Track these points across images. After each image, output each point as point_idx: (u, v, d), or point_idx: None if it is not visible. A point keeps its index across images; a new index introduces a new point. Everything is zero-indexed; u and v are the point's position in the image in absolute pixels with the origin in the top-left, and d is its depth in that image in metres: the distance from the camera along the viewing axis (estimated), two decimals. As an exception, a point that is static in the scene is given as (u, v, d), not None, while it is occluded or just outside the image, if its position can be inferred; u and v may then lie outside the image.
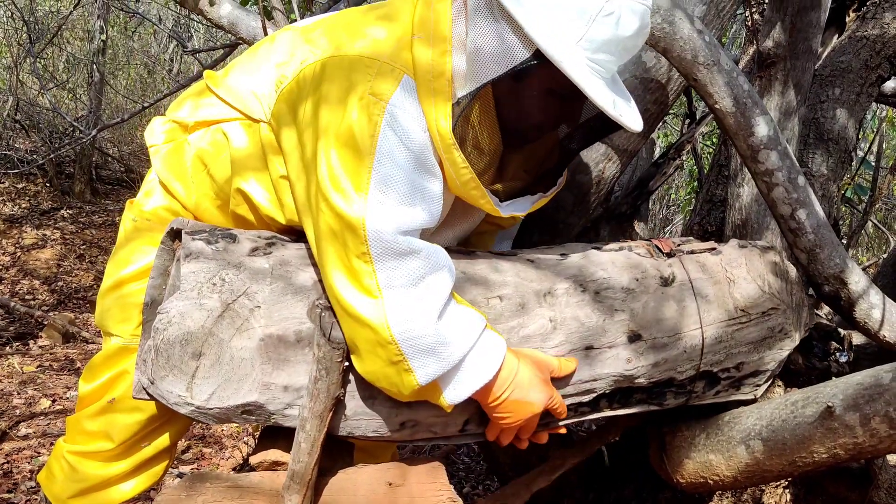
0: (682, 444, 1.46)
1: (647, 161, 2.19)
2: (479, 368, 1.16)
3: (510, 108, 1.22)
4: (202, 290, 1.10)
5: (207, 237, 1.18)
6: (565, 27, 1.10)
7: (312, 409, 1.11)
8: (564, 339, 1.25)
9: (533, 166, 1.38)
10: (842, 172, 2.05)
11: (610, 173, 1.72)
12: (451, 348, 1.13)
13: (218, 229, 1.22)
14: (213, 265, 1.13)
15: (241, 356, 1.11)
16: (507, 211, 1.29)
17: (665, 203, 7.11)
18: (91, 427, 1.47)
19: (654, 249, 1.39)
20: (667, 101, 1.67)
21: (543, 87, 1.19)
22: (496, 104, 1.21)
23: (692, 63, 1.34)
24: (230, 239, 1.19)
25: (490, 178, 1.29)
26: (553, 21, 1.10)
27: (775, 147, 1.38)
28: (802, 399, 1.29)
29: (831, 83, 2.00)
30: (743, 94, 1.36)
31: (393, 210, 1.12)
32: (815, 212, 1.42)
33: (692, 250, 1.42)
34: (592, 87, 1.11)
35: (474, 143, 1.22)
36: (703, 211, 2.19)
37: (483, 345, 1.17)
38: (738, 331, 1.36)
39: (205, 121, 1.35)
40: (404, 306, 1.11)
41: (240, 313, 1.11)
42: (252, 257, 1.17)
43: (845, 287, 1.43)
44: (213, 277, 1.11)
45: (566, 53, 1.09)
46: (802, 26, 1.66)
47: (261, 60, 1.32)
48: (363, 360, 1.14)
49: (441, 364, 1.13)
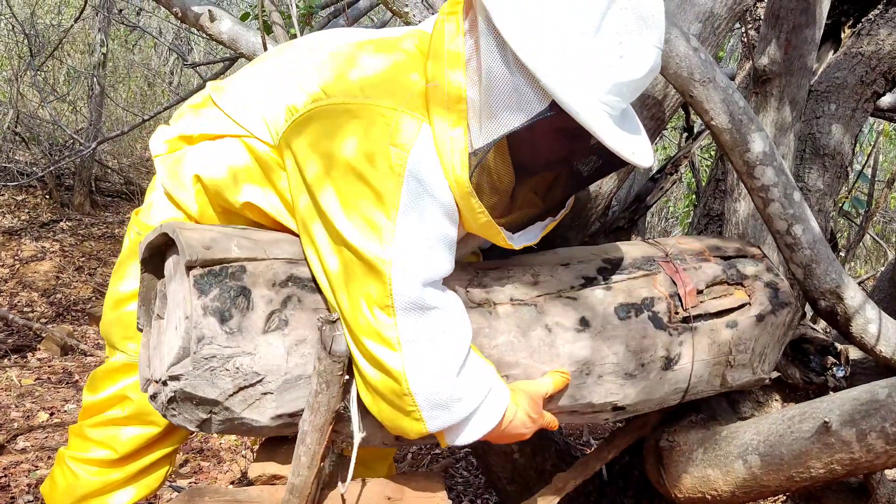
0: (680, 459, 1.47)
1: (644, 176, 2.20)
2: (485, 420, 1.20)
3: (523, 150, 1.22)
4: (215, 372, 1.09)
5: (220, 309, 1.10)
6: (581, 75, 1.09)
7: (313, 422, 1.12)
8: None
9: (543, 192, 1.38)
10: (838, 187, 2.06)
11: (607, 188, 1.73)
12: (463, 403, 1.17)
13: (228, 282, 1.12)
14: (228, 352, 1.09)
15: (251, 423, 1.13)
16: (520, 242, 1.28)
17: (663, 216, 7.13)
18: (94, 435, 1.48)
19: (676, 303, 1.38)
20: (663, 118, 1.69)
21: (556, 129, 1.18)
22: (509, 146, 1.20)
23: (688, 80, 1.35)
24: (244, 307, 1.11)
25: (502, 211, 1.28)
26: (568, 70, 1.08)
27: (771, 163, 1.39)
28: (799, 414, 1.30)
29: (827, 99, 2.01)
30: (738, 111, 1.37)
31: (419, 262, 1.13)
32: (811, 227, 1.43)
33: (718, 311, 1.41)
34: (609, 134, 1.10)
35: (490, 185, 1.21)
36: (701, 225, 2.20)
37: (491, 399, 1.20)
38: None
39: (208, 134, 1.35)
40: (425, 362, 1.12)
41: (252, 394, 1.11)
42: (267, 336, 1.12)
43: (841, 302, 1.44)
44: (226, 363, 1.09)
45: (583, 104, 1.09)
46: (798, 43, 1.68)
47: (268, 79, 1.30)
48: (377, 402, 1.16)
49: (452, 417, 1.17)
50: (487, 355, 1.24)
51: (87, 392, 1.50)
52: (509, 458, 1.90)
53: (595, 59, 1.09)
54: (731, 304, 1.42)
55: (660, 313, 1.37)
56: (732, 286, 1.45)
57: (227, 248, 1.13)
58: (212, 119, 1.35)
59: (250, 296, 1.11)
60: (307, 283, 1.18)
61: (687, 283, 1.40)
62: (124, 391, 1.45)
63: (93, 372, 1.51)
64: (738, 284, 1.45)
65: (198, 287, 1.09)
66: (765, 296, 1.45)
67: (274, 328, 1.12)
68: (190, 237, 1.12)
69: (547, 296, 1.32)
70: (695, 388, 1.42)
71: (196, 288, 1.08)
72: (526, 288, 1.32)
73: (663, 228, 7.07)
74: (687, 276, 1.40)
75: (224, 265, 1.12)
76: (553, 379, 1.27)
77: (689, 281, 1.40)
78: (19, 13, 6.09)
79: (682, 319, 1.38)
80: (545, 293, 1.32)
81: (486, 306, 1.27)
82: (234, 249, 1.14)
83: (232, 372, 1.09)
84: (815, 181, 1.99)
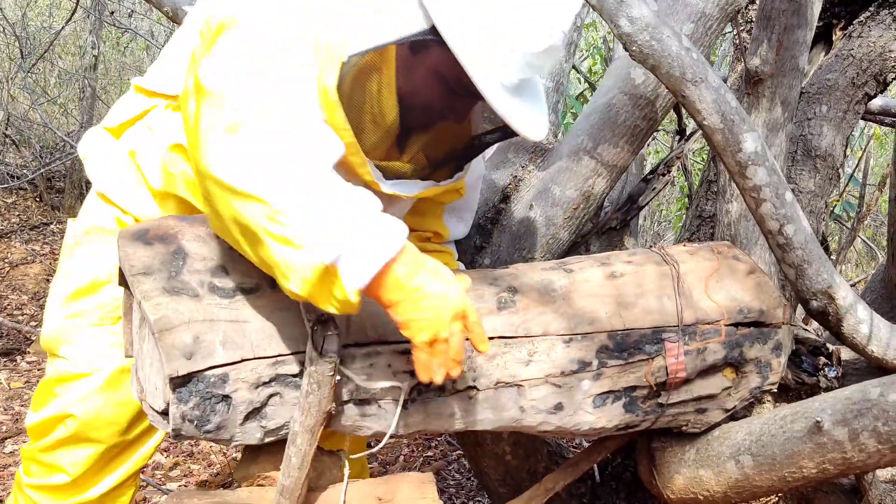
0: (672, 460, 1.46)
1: (636, 176, 2.21)
2: (381, 242, 0.96)
3: (406, 83, 1.19)
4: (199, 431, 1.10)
5: (199, 416, 1.07)
6: (475, 23, 1.10)
7: (304, 423, 1.11)
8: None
9: (435, 155, 1.34)
10: (829, 189, 2.07)
11: (599, 189, 1.73)
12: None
13: (208, 392, 1.06)
14: (206, 437, 1.10)
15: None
16: (390, 189, 1.25)
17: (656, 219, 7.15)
18: (45, 459, 1.43)
19: (656, 384, 1.33)
20: (656, 118, 1.69)
21: (441, 74, 1.17)
22: (398, 80, 1.17)
23: (680, 80, 1.35)
24: (224, 411, 1.08)
25: (383, 153, 1.25)
26: (460, 9, 1.09)
27: (763, 163, 1.39)
28: (791, 414, 1.30)
29: (818, 100, 2.02)
30: (731, 111, 1.37)
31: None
32: (802, 227, 1.43)
33: (696, 396, 1.37)
34: (490, 87, 1.10)
35: (369, 111, 1.18)
36: (693, 227, 2.20)
37: (379, 220, 0.98)
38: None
39: (128, 120, 1.33)
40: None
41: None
42: (245, 425, 1.11)
43: (833, 302, 1.44)
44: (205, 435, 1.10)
45: (464, 43, 1.08)
46: (789, 44, 1.68)
47: (177, 45, 1.31)
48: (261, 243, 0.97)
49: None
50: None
51: (32, 411, 1.45)
52: (501, 459, 1.90)
53: (493, 16, 1.10)
54: (712, 390, 1.38)
55: (637, 399, 1.35)
56: (726, 367, 1.39)
57: (210, 351, 1.06)
58: (131, 104, 1.34)
59: (231, 402, 1.09)
60: (291, 379, 1.13)
61: (679, 373, 1.33)
62: (66, 408, 1.40)
63: (37, 387, 1.46)
64: (733, 367, 1.39)
65: (177, 396, 1.06)
66: (747, 387, 1.41)
67: (252, 420, 1.12)
68: (171, 342, 1.05)
69: (534, 380, 1.28)
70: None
71: (175, 396, 1.06)
72: (517, 368, 1.26)
73: (656, 232, 7.09)
74: (683, 365, 1.33)
75: (205, 374, 1.06)
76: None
77: (685, 370, 1.33)
78: (10, 15, 6.06)
79: (657, 405, 1.36)
80: (533, 377, 1.27)
81: (468, 391, 1.24)
82: (219, 351, 1.07)
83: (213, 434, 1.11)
84: (806, 182, 2.00)
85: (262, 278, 1.16)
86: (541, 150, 1.83)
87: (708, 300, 1.36)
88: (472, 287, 1.31)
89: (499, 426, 1.30)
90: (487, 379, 1.26)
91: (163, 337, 1.06)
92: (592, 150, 1.70)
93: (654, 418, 1.38)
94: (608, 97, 1.69)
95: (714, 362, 1.36)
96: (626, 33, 1.32)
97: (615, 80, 1.69)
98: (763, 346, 1.39)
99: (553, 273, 1.37)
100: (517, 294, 1.31)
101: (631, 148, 1.70)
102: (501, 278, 1.34)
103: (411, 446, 3.13)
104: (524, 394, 1.28)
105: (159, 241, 1.15)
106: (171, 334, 1.06)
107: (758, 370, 1.40)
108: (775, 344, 1.40)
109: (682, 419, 1.41)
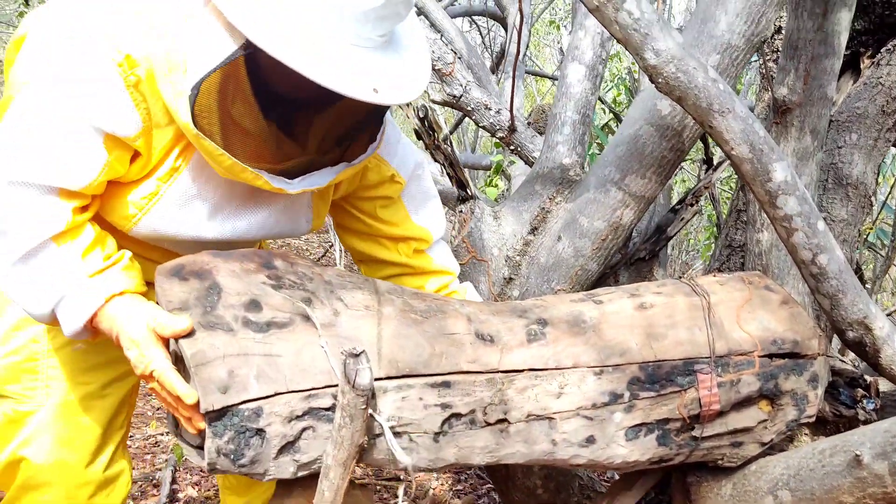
0: (709, 495, 1.44)
1: (664, 206, 2.20)
2: (66, 314, 1.19)
3: (255, 89, 1.19)
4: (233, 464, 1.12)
5: (233, 450, 1.09)
6: (284, 12, 1.10)
7: (336, 456, 1.11)
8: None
9: (332, 135, 1.33)
10: (862, 217, 2.04)
11: (627, 220, 1.73)
12: (19, 292, 1.19)
13: (243, 425, 1.09)
14: (240, 470, 1.12)
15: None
16: (300, 186, 1.27)
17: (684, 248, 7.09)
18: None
19: (689, 416, 1.32)
20: (683, 148, 1.69)
21: (279, 67, 1.13)
22: (231, 85, 1.18)
23: (707, 111, 1.36)
24: (258, 445, 1.10)
25: (273, 157, 1.25)
26: (264, 8, 1.10)
27: (793, 192, 1.38)
28: (830, 448, 1.27)
29: (848, 129, 2.01)
30: (759, 141, 1.37)
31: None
32: (836, 257, 1.41)
33: (731, 430, 1.35)
34: (323, 72, 1.09)
35: (234, 129, 1.19)
36: (723, 256, 2.19)
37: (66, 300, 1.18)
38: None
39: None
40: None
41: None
42: (278, 459, 1.13)
43: (870, 333, 1.42)
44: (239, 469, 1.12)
45: (280, 40, 1.08)
46: (817, 74, 1.68)
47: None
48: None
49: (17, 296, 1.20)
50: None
51: None
52: (532, 493, 1.88)
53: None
54: (747, 423, 1.36)
55: (670, 432, 1.33)
56: (762, 399, 1.37)
57: (245, 385, 1.09)
58: None
59: (265, 435, 1.10)
60: (324, 413, 1.14)
61: (713, 405, 1.31)
62: (15, 451, 1.37)
63: None
64: (769, 399, 1.37)
65: (212, 430, 1.08)
66: (784, 420, 1.38)
67: (286, 454, 1.13)
68: (207, 376, 1.08)
69: (566, 412, 1.27)
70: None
71: (210, 430, 1.08)
72: (548, 400, 1.26)
73: (684, 261, 7.03)
74: (717, 397, 1.31)
75: (240, 407, 1.09)
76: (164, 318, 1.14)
77: (718, 402, 1.31)
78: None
79: (691, 438, 1.34)
80: (565, 410, 1.27)
81: (500, 425, 1.24)
82: (253, 384, 1.10)
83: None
84: (838, 211, 1.97)
85: (295, 313, 1.18)
86: (568, 182, 1.84)
87: (740, 331, 1.35)
88: (502, 319, 1.31)
89: (530, 459, 1.29)
90: (518, 412, 1.25)
91: (199, 371, 1.08)
92: (620, 182, 1.70)
93: (688, 452, 1.36)
94: (635, 129, 1.70)
95: (749, 394, 1.34)
96: (652, 66, 1.33)
97: (641, 112, 1.70)
98: (799, 378, 1.37)
99: (582, 304, 1.37)
100: (547, 326, 1.31)
101: (658, 179, 1.71)
102: (531, 310, 1.35)
103: (441, 479, 3.11)
104: (556, 427, 1.27)
105: (195, 276, 1.17)
106: (207, 368, 1.08)
107: (794, 402, 1.37)
108: (811, 375, 1.38)
109: (717, 453, 1.39)
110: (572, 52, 2.01)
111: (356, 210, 1.56)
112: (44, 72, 1.14)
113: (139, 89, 1.16)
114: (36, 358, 1.40)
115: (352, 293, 1.25)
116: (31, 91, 1.15)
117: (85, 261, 1.19)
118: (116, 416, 1.48)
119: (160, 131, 1.21)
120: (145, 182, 1.25)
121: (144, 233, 1.30)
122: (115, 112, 1.16)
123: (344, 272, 1.34)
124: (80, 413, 1.42)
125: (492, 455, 1.26)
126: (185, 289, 1.16)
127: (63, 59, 1.13)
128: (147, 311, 1.15)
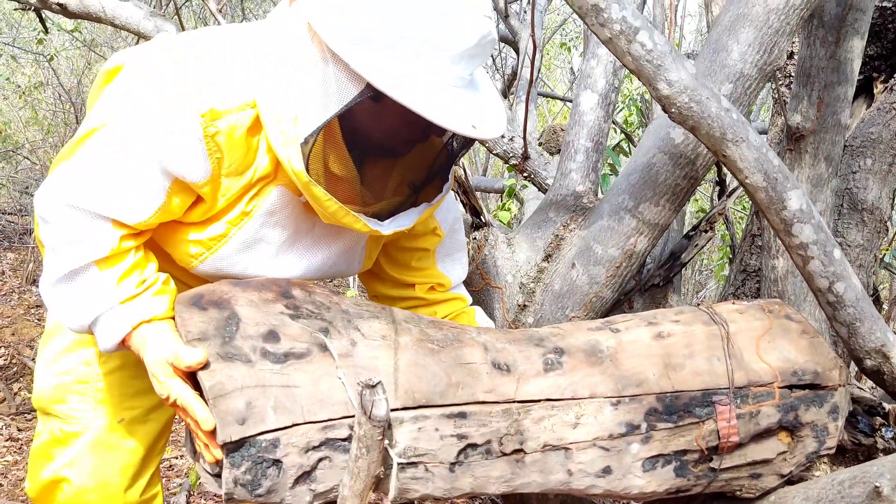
0: (727, 525, 1.43)
1: (678, 232, 2.20)
2: (103, 333, 1.24)
3: (361, 136, 1.24)
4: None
5: (250, 481, 1.10)
6: (395, 55, 1.13)
7: (353, 488, 1.11)
8: None
9: (416, 178, 1.37)
10: (878, 241, 2.03)
11: (641, 247, 1.73)
12: (60, 310, 1.26)
13: (260, 456, 1.10)
14: (257, 500, 1.14)
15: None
16: (390, 228, 1.30)
17: (697, 268, 7.05)
18: None
19: (707, 448, 1.31)
20: (697, 176, 1.69)
21: (395, 113, 1.17)
22: (343, 132, 1.22)
23: (721, 140, 1.36)
24: (275, 475, 1.11)
25: (371, 199, 1.29)
26: (378, 51, 1.12)
27: (809, 220, 1.38)
28: (849, 479, 1.26)
29: (862, 154, 2.00)
30: (773, 169, 1.37)
31: (75, 177, 1.21)
32: (853, 285, 1.41)
33: (750, 461, 1.34)
34: (436, 111, 1.12)
35: (342, 175, 1.24)
36: (738, 281, 2.18)
37: (103, 321, 1.23)
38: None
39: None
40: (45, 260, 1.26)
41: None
42: (295, 489, 1.13)
43: (888, 361, 1.41)
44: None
45: (395, 82, 1.11)
46: (830, 101, 1.69)
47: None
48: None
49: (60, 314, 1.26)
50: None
51: (28, 478, 1.46)
52: (549, 522, 1.86)
53: (410, 36, 1.12)
54: (766, 455, 1.35)
55: (688, 463, 1.32)
56: (781, 431, 1.36)
57: (262, 416, 1.10)
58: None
59: (281, 466, 1.11)
60: (340, 443, 1.15)
61: (732, 437, 1.30)
62: (58, 471, 1.41)
63: (30, 452, 1.46)
64: (788, 431, 1.36)
65: (230, 461, 1.09)
66: (804, 452, 1.37)
67: (302, 484, 1.14)
68: (226, 408, 1.09)
69: (582, 443, 1.27)
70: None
71: (228, 461, 1.09)
72: (564, 431, 1.27)
73: (697, 281, 6.99)
74: (736, 429, 1.30)
75: (257, 438, 1.10)
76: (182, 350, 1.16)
77: (737, 434, 1.30)
78: (65, 82, 6.36)
79: (709, 469, 1.33)
80: (581, 440, 1.27)
81: (515, 455, 1.24)
82: (270, 415, 1.10)
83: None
84: (854, 236, 1.97)
85: (313, 343, 1.18)
86: (581, 209, 1.85)
87: (760, 361, 1.34)
88: (519, 348, 1.31)
89: (546, 489, 1.28)
90: (535, 442, 1.25)
91: (217, 403, 1.09)
92: (634, 209, 1.71)
93: (706, 483, 1.35)
94: (648, 157, 1.71)
95: (768, 426, 1.33)
96: (665, 96, 1.34)
97: (655, 140, 1.71)
98: (819, 410, 1.36)
99: (599, 333, 1.37)
100: (564, 355, 1.31)
101: (672, 206, 1.71)
102: (547, 339, 1.35)
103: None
104: (572, 457, 1.27)
105: (214, 306, 1.19)
106: (225, 400, 1.09)
107: (814, 434, 1.36)
108: (832, 407, 1.37)
109: (735, 484, 1.37)
110: (585, 81, 2.02)
111: (389, 259, 1.58)
112: (129, 114, 1.20)
113: (216, 140, 1.20)
114: (87, 381, 1.43)
115: (369, 322, 1.26)
116: (112, 129, 1.20)
117: (119, 287, 1.23)
118: (157, 441, 1.52)
119: (231, 179, 1.25)
120: (214, 224, 1.30)
121: (207, 271, 1.35)
122: (188, 158, 1.20)
123: (361, 301, 1.35)
124: (125, 437, 1.46)
125: (507, 485, 1.26)
126: (204, 318, 1.17)
127: (150, 106, 1.19)
128: (166, 343, 1.18)
